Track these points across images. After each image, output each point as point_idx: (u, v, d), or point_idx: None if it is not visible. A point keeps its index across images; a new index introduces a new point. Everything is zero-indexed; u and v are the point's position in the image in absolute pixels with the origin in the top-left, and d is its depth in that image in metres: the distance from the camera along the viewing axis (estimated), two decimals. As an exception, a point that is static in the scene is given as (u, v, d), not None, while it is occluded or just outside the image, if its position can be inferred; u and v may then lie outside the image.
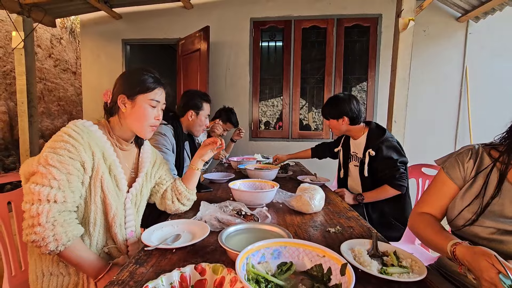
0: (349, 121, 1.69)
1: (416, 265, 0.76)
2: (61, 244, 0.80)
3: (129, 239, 1.00)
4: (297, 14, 3.63)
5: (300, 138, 3.80)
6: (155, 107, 1.00)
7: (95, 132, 0.94)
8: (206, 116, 1.75)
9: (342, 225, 1.07)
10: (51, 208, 0.79)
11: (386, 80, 3.24)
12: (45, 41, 4.54)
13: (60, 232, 0.79)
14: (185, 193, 1.16)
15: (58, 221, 0.80)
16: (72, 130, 0.87)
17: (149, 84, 0.98)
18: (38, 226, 0.77)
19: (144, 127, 1.00)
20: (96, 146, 0.91)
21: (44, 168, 0.81)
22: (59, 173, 0.82)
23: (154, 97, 0.99)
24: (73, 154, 0.85)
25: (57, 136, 0.87)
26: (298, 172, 2.23)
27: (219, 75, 3.77)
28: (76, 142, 0.86)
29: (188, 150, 1.81)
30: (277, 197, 1.37)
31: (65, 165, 0.83)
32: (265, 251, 0.70)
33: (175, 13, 3.74)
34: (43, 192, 0.79)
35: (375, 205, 1.63)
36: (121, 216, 0.98)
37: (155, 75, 1.02)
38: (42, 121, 4.56)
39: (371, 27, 3.56)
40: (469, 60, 3.45)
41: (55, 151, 0.84)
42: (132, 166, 1.07)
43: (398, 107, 2.45)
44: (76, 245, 0.85)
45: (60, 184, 0.81)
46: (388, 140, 1.59)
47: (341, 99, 1.70)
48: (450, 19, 3.47)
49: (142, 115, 0.98)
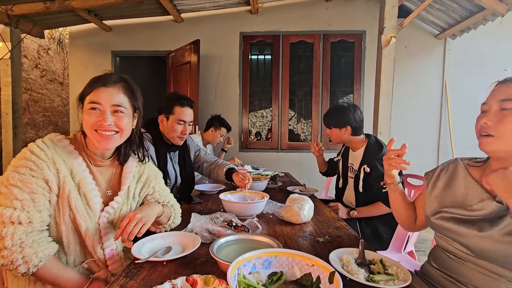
0: (352, 131, 1.69)
1: (401, 272, 0.79)
2: (32, 266, 0.76)
3: (109, 258, 0.94)
4: (285, 29, 3.75)
5: (289, 148, 3.85)
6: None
7: (63, 147, 0.89)
8: (179, 122, 1.54)
9: (331, 235, 1.10)
10: (15, 230, 0.75)
11: (371, 92, 3.37)
12: (32, 52, 4.48)
13: (30, 254, 0.76)
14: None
15: (26, 243, 0.76)
16: (36, 146, 0.83)
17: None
18: (4, 250, 0.74)
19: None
20: (63, 163, 0.86)
21: (6, 189, 0.78)
22: (22, 192, 0.78)
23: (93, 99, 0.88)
24: (35, 172, 0.81)
25: (20, 153, 0.83)
26: (288, 183, 2.25)
27: (209, 86, 3.82)
28: (38, 159, 0.81)
29: (175, 160, 1.70)
30: (267, 208, 1.38)
31: (27, 184, 0.79)
32: (256, 261, 0.71)
33: (165, 26, 3.79)
34: (6, 214, 0.75)
35: (368, 221, 1.66)
36: (94, 236, 0.90)
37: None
38: (27, 132, 4.44)
39: (355, 42, 3.72)
40: (448, 75, 3.63)
41: (16, 169, 0.80)
42: (109, 184, 0.98)
43: (383, 119, 2.54)
44: (50, 264, 0.81)
45: (23, 204, 0.78)
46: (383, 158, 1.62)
47: (345, 108, 1.70)
48: (429, 36, 3.67)
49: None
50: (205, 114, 3.47)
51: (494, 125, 0.75)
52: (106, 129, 0.87)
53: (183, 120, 1.55)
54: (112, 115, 0.88)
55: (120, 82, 0.91)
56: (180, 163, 1.73)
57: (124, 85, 0.92)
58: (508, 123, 0.73)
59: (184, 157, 1.74)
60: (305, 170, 3.61)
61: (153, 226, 1.08)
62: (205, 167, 1.83)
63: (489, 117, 0.77)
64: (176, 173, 1.68)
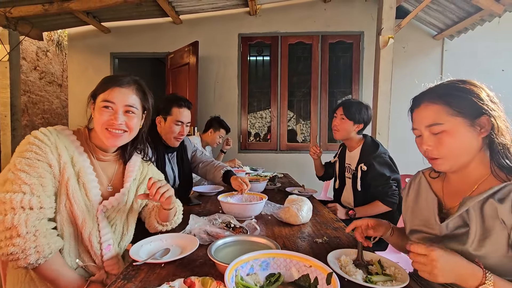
0: (361, 129, 1.73)
1: (399, 273, 0.79)
2: (42, 257, 0.75)
3: (105, 254, 0.92)
4: (284, 31, 3.76)
5: (288, 149, 3.85)
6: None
7: (66, 136, 0.90)
8: (177, 123, 1.55)
9: (329, 236, 1.10)
10: (28, 216, 0.74)
11: (369, 93, 3.36)
12: (30, 54, 4.48)
13: (43, 244, 0.74)
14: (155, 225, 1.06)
15: (40, 231, 0.75)
16: (40, 132, 0.84)
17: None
18: (17, 238, 0.72)
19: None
20: (64, 149, 0.86)
21: (12, 174, 0.77)
22: (29, 177, 0.77)
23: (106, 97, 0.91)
24: (40, 156, 0.80)
25: (24, 140, 0.83)
26: (286, 184, 2.25)
27: (208, 88, 3.82)
28: (41, 143, 0.81)
29: (173, 161, 1.70)
30: (266, 209, 1.38)
31: (34, 168, 0.78)
32: (253, 263, 0.72)
33: (164, 28, 3.80)
34: (15, 199, 0.74)
35: None
36: (92, 229, 0.89)
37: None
38: (25, 134, 4.41)
39: (354, 43, 3.73)
40: (446, 75, 3.54)
41: (21, 154, 0.79)
42: (110, 181, 0.99)
43: (381, 119, 2.55)
44: (55, 259, 0.80)
45: (32, 189, 0.76)
46: (380, 156, 1.63)
47: (364, 105, 1.72)
48: (427, 37, 3.68)
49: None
50: (204, 115, 3.47)
51: (436, 149, 0.74)
52: (117, 128, 0.90)
53: (180, 121, 1.56)
54: (123, 114, 0.91)
55: (134, 84, 0.95)
56: (178, 164, 1.73)
57: (137, 87, 0.96)
58: (447, 144, 0.72)
59: (182, 158, 1.74)
60: (304, 171, 3.60)
61: (159, 223, 1.07)
62: (201, 168, 1.82)
63: (427, 143, 0.76)
64: (175, 174, 1.68)
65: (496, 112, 0.71)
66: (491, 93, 0.75)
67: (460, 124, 0.71)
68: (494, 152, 0.72)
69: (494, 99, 0.74)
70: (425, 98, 0.77)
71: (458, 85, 0.75)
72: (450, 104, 0.72)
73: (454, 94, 0.73)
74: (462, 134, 0.71)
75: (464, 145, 0.72)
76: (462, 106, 0.71)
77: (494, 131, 0.70)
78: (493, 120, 0.70)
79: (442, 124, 0.72)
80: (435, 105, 0.74)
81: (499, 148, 0.71)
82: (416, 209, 0.89)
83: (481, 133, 0.72)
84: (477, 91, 0.72)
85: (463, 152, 0.73)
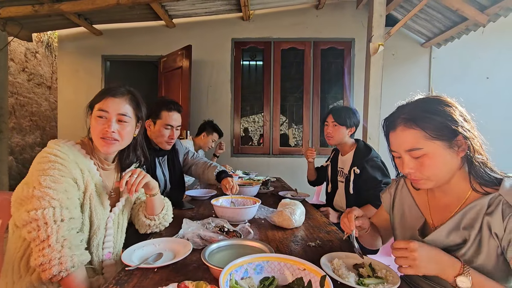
0: (353, 132, 1.77)
1: (391, 275, 0.81)
2: (64, 269, 0.76)
3: (105, 260, 0.98)
4: (276, 36, 3.80)
5: (280, 154, 3.87)
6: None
7: (79, 151, 0.95)
8: (166, 126, 1.54)
9: (322, 239, 1.11)
10: (59, 227, 0.78)
11: (360, 98, 3.43)
12: (19, 55, 4.39)
13: (66, 255, 0.76)
14: (143, 220, 1.10)
15: (68, 241, 0.78)
16: (57, 150, 0.87)
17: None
18: (47, 248, 0.75)
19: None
20: (83, 164, 0.92)
21: (39, 192, 0.80)
22: (57, 192, 0.81)
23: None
24: (64, 172, 0.85)
25: (42, 158, 0.86)
26: (279, 188, 2.26)
27: (201, 91, 3.82)
28: (63, 160, 0.86)
29: (164, 165, 1.69)
30: (259, 213, 1.39)
31: (60, 184, 0.83)
32: (248, 267, 0.72)
33: (157, 31, 3.79)
34: (48, 214, 0.77)
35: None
36: (100, 235, 0.96)
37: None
38: (12, 136, 4.31)
39: (345, 50, 3.80)
40: (434, 82, 3.75)
41: (45, 172, 0.83)
42: (112, 187, 1.06)
43: (372, 124, 2.60)
44: (79, 275, 0.80)
45: (61, 203, 0.81)
46: (373, 160, 1.66)
47: (353, 110, 1.79)
48: (416, 44, 3.79)
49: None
50: (196, 119, 3.46)
51: (418, 172, 0.76)
52: (109, 136, 0.95)
53: (170, 124, 1.55)
54: (116, 123, 0.96)
55: (128, 94, 1.00)
56: (169, 168, 1.72)
57: (130, 97, 1.01)
58: (429, 167, 0.74)
59: (173, 161, 1.73)
60: (297, 175, 3.63)
61: (147, 217, 1.10)
62: (194, 169, 1.82)
63: (409, 166, 0.76)
64: (166, 178, 1.66)
65: (470, 133, 0.72)
66: (463, 110, 0.76)
67: (438, 147, 0.72)
68: (474, 169, 0.74)
69: (467, 117, 0.75)
70: (400, 121, 0.77)
71: (432, 107, 0.75)
72: (426, 129, 0.72)
73: (429, 117, 0.73)
74: (442, 156, 0.73)
75: (445, 165, 0.74)
76: (438, 130, 0.72)
77: (470, 153, 0.73)
78: (468, 142, 0.72)
79: (422, 148, 0.73)
80: (412, 130, 0.74)
81: (477, 166, 0.74)
82: (404, 222, 0.92)
83: (459, 153, 0.74)
84: (451, 111, 0.73)
85: (444, 172, 0.75)
